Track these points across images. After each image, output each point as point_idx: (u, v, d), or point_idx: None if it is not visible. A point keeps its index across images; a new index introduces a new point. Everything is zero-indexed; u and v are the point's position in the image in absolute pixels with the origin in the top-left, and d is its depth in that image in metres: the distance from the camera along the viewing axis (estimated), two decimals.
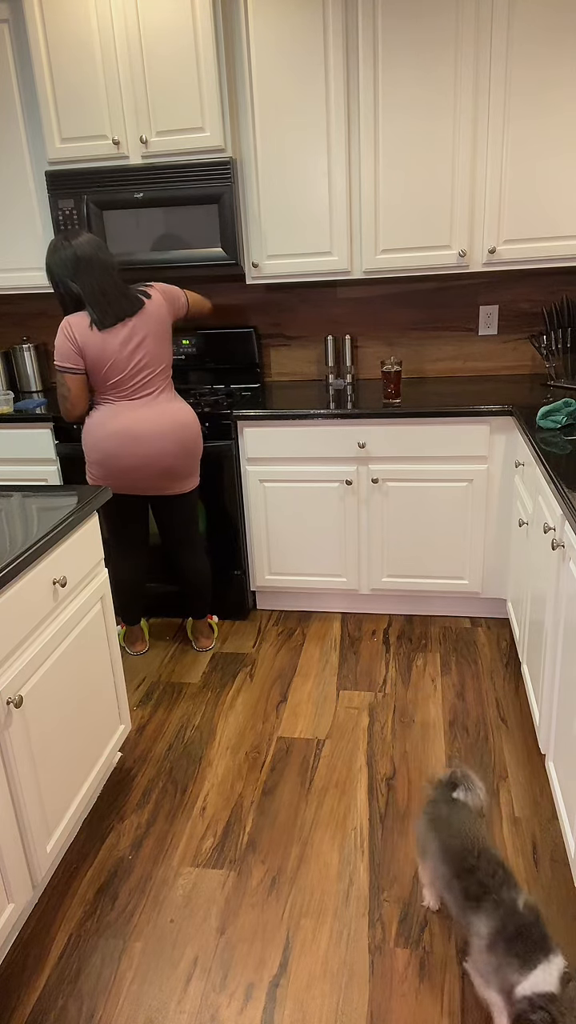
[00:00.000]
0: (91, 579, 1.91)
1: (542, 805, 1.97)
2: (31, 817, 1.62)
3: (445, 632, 2.86)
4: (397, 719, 2.36)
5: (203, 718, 2.43)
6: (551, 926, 1.61)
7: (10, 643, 1.53)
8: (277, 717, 2.41)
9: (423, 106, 2.53)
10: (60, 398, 2.39)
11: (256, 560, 2.98)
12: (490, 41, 2.43)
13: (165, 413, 2.41)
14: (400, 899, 1.72)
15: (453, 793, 1.62)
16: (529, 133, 2.51)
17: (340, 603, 3.06)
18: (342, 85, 2.55)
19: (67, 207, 2.74)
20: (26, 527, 1.67)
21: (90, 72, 2.58)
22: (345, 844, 1.89)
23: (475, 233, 2.66)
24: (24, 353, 3.29)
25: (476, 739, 2.24)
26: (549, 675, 1.89)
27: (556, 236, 2.61)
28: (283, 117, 2.62)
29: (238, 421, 2.78)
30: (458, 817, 1.55)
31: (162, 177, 2.65)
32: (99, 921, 1.71)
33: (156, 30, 2.49)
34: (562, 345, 2.86)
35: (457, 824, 1.53)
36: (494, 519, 2.73)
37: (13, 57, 2.68)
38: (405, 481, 2.74)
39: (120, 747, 2.21)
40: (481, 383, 2.99)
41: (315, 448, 2.75)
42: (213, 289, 3.23)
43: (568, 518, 1.59)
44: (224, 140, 2.59)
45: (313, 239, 2.76)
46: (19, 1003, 1.54)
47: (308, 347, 3.26)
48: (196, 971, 1.58)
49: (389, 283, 3.10)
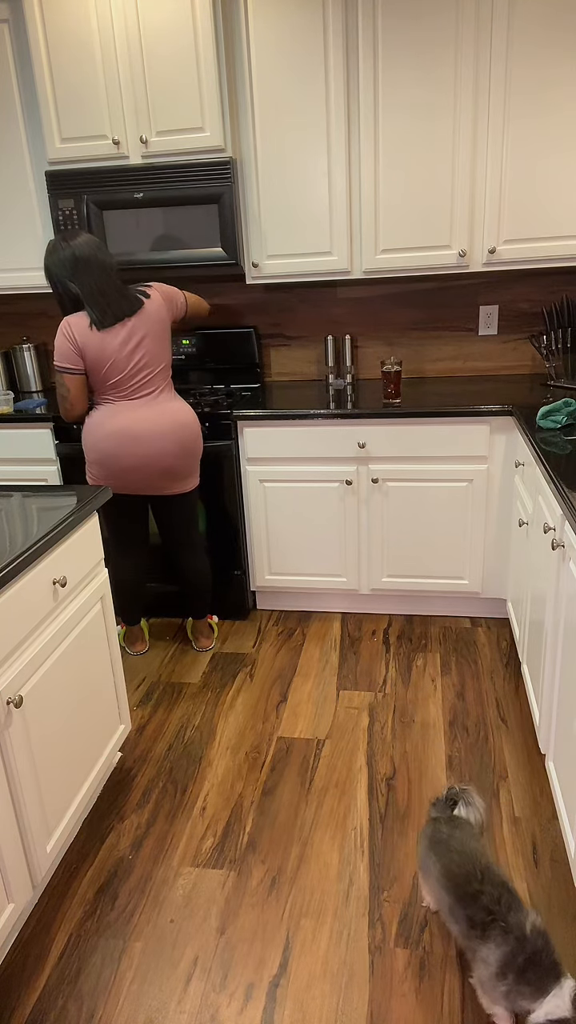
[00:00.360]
0: (91, 579, 1.91)
1: (542, 805, 1.97)
2: (31, 817, 1.62)
3: (445, 632, 2.86)
4: (397, 719, 2.36)
5: (203, 718, 2.43)
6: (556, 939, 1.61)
7: (10, 643, 1.53)
8: (277, 717, 2.41)
9: (423, 106, 2.53)
10: (59, 398, 2.39)
11: (256, 560, 2.98)
12: (490, 41, 2.43)
13: (165, 413, 2.41)
14: (400, 899, 1.72)
15: (453, 811, 1.60)
16: (529, 133, 2.51)
17: (340, 603, 3.06)
18: (342, 85, 2.55)
19: (67, 207, 2.74)
20: (26, 527, 1.67)
21: (90, 72, 2.58)
22: (345, 844, 1.89)
23: (475, 233, 2.66)
24: (24, 353, 3.29)
25: (476, 739, 2.24)
26: (549, 675, 1.89)
27: (556, 236, 2.61)
28: (283, 117, 2.62)
29: (238, 421, 2.78)
30: (459, 838, 1.51)
31: (162, 177, 2.65)
32: (99, 921, 1.71)
33: (156, 30, 2.49)
34: (562, 345, 2.86)
35: (458, 846, 1.49)
36: (494, 519, 2.73)
37: (13, 57, 2.68)
38: (405, 481, 2.74)
39: (120, 747, 2.21)
40: (481, 383, 2.99)
41: (315, 448, 2.75)
42: (213, 289, 3.23)
43: (568, 518, 1.59)
44: (224, 140, 2.59)
45: (313, 239, 2.76)
46: (19, 1003, 1.54)
47: (308, 347, 3.26)
48: (196, 971, 1.58)
49: (389, 283, 3.10)
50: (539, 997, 1.27)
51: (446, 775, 2.10)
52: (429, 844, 1.55)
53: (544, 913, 1.65)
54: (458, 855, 1.48)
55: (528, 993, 1.28)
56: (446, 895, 1.45)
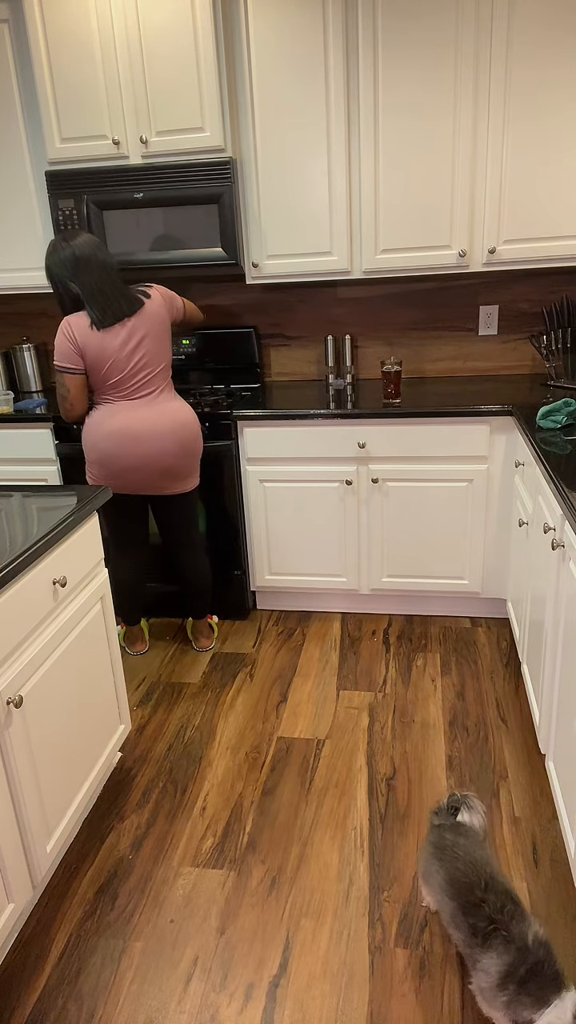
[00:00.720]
0: (91, 579, 1.91)
1: (542, 805, 1.97)
2: (31, 817, 1.62)
3: (445, 632, 2.86)
4: (397, 719, 2.36)
5: (203, 718, 2.43)
6: (557, 943, 1.61)
7: (10, 643, 1.53)
8: (277, 717, 2.41)
9: (423, 106, 2.53)
10: (59, 398, 2.39)
11: (256, 560, 2.98)
12: (490, 41, 2.43)
13: (165, 413, 2.41)
14: (400, 899, 1.72)
15: (456, 817, 1.59)
16: (529, 133, 2.51)
17: (340, 603, 3.06)
18: (342, 85, 2.55)
19: (67, 207, 2.74)
20: (26, 527, 1.67)
21: (90, 72, 2.58)
22: (345, 844, 1.89)
23: (475, 233, 2.66)
24: (24, 353, 3.29)
25: (476, 739, 2.24)
26: (549, 675, 1.89)
27: (556, 236, 2.61)
28: (283, 117, 2.62)
29: (238, 421, 2.78)
30: (464, 845, 1.50)
31: (162, 177, 2.65)
32: (99, 921, 1.71)
33: (156, 30, 2.49)
34: (562, 345, 2.86)
35: (464, 854, 1.48)
36: (494, 519, 2.73)
37: (13, 57, 2.68)
38: (405, 481, 2.74)
39: (120, 747, 2.21)
40: (481, 383, 2.99)
41: (315, 448, 2.75)
42: (213, 289, 3.23)
43: (568, 518, 1.59)
44: (224, 140, 2.59)
45: (313, 239, 2.75)
46: (19, 1003, 1.54)
47: (308, 347, 3.26)
48: (196, 971, 1.58)
49: (389, 283, 3.10)
50: (540, 1008, 1.26)
51: (446, 775, 2.10)
52: (433, 851, 1.54)
53: (544, 913, 1.66)
54: (463, 863, 1.46)
55: (529, 1004, 1.27)
56: (449, 902, 1.44)
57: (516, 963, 1.30)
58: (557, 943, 1.58)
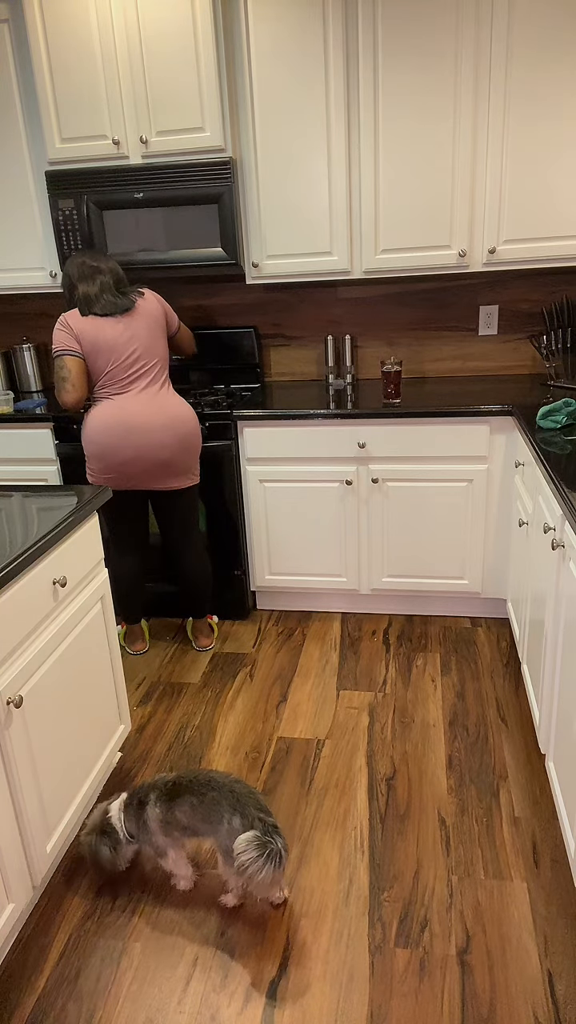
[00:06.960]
0: (91, 579, 1.91)
1: (542, 805, 1.97)
2: (31, 817, 1.62)
3: (445, 632, 2.86)
4: (397, 719, 2.36)
5: (203, 718, 2.43)
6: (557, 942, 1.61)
7: (10, 643, 1.53)
8: (277, 717, 2.41)
9: (423, 106, 2.53)
10: (59, 382, 2.37)
11: (256, 560, 2.98)
12: (490, 42, 2.43)
13: (163, 407, 2.44)
14: (400, 899, 1.72)
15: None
16: (529, 133, 2.51)
17: (340, 603, 3.06)
18: (342, 85, 2.55)
19: (67, 207, 2.74)
20: (26, 527, 1.67)
21: (90, 72, 2.58)
22: (345, 844, 1.89)
23: (475, 233, 2.66)
24: (24, 353, 3.29)
25: (476, 739, 2.24)
26: (549, 675, 1.89)
27: (556, 236, 2.61)
28: (283, 116, 2.62)
29: (238, 421, 2.78)
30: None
31: (162, 177, 2.65)
32: (99, 921, 1.71)
33: (156, 30, 2.49)
34: (562, 345, 2.86)
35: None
36: (494, 519, 2.73)
37: (13, 57, 2.68)
38: (405, 481, 2.74)
39: (120, 747, 2.21)
40: (481, 383, 2.99)
41: (315, 448, 2.75)
42: (213, 289, 3.23)
43: (568, 518, 1.59)
44: (224, 140, 2.59)
45: (313, 239, 2.75)
46: (19, 1003, 1.54)
47: (308, 347, 3.26)
48: (196, 971, 1.58)
49: (389, 283, 3.10)
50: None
51: (446, 775, 2.10)
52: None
53: (544, 913, 1.65)
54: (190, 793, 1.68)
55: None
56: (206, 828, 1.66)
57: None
58: (557, 943, 1.58)
